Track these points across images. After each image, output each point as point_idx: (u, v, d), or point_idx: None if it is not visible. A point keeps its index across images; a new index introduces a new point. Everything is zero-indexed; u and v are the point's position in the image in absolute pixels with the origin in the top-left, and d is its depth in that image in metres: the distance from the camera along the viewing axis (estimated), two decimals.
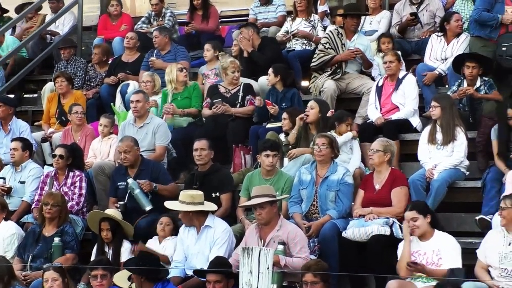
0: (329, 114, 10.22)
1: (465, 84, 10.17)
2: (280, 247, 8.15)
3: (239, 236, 8.99)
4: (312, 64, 11.48)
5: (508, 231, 7.81)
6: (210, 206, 8.88)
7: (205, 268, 8.29)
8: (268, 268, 5.98)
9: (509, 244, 7.73)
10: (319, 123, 10.01)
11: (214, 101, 11.14)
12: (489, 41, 10.75)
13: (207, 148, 9.78)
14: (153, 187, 9.70)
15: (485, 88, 10.09)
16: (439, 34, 11.37)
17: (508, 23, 10.71)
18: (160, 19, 13.88)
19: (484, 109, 9.90)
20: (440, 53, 11.26)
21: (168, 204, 9.03)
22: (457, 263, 7.79)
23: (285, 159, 10.06)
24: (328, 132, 9.60)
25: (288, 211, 9.21)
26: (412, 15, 12.03)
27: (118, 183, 9.96)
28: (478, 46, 10.71)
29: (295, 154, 9.82)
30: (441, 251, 7.84)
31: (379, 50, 11.70)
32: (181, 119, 11.36)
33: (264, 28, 13.09)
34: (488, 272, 7.84)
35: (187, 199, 8.74)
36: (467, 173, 9.48)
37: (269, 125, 10.74)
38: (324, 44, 11.40)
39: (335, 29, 11.64)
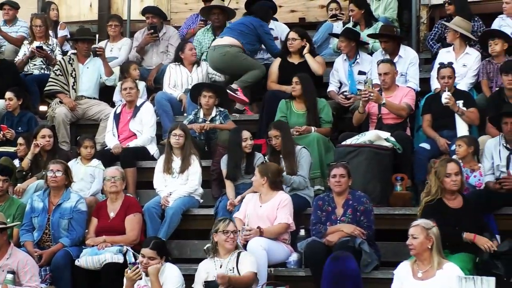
0: None
1: (201, 113, 10.39)
2: (9, 276, 7.97)
3: None
4: (44, 90, 11.51)
5: (218, 256, 8.02)
6: None
7: None
8: None
9: (221, 266, 7.92)
10: (52, 150, 9.95)
11: None
12: None
13: None
14: None
15: (221, 118, 10.36)
16: (176, 63, 11.59)
17: None
18: None
19: (218, 138, 10.15)
20: (186, 80, 11.46)
21: None
22: None
23: None
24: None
25: (19, 238, 8.98)
26: (150, 29, 12.22)
27: None
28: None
29: (20, 191, 9.62)
30: (165, 283, 7.83)
31: (124, 77, 11.74)
32: None
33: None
34: None
35: None
36: (201, 200, 9.69)
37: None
38: (55, 71, 11.50)
39: (68, 55, 11.74)
